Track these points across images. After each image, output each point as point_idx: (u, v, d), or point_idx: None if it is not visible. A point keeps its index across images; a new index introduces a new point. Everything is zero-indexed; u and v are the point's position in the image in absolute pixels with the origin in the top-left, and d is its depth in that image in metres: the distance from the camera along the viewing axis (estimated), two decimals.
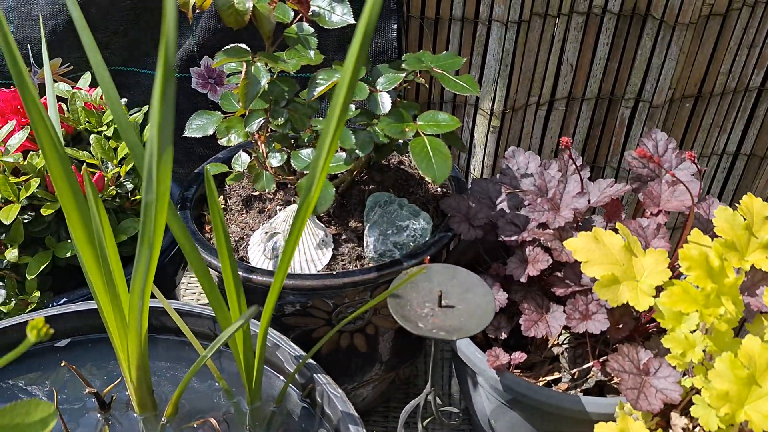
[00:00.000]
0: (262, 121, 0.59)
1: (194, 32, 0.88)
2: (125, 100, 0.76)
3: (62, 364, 0.51)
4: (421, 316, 0.48)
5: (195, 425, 0.50)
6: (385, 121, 0.57)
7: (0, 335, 0.54)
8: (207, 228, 0.70)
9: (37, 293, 0.59)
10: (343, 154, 0.58)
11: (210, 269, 0.61)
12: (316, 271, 0.62)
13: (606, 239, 0.55)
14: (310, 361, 0.52)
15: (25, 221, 0.58)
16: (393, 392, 0.84)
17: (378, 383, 0.75)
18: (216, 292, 0.47)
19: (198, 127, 0.66)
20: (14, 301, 0.58)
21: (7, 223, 0.54)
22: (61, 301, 0.64)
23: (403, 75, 0.58)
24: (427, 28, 0.83)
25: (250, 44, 0.63)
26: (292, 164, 0.58)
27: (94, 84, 0.80)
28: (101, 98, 0.72)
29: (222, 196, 0.76)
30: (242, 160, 0.70)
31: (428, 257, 0.55)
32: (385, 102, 0.57)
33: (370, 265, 0.64)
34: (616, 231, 0.56)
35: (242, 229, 0.69)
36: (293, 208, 0.66)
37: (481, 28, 0.82)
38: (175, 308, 0.54)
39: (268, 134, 0.61)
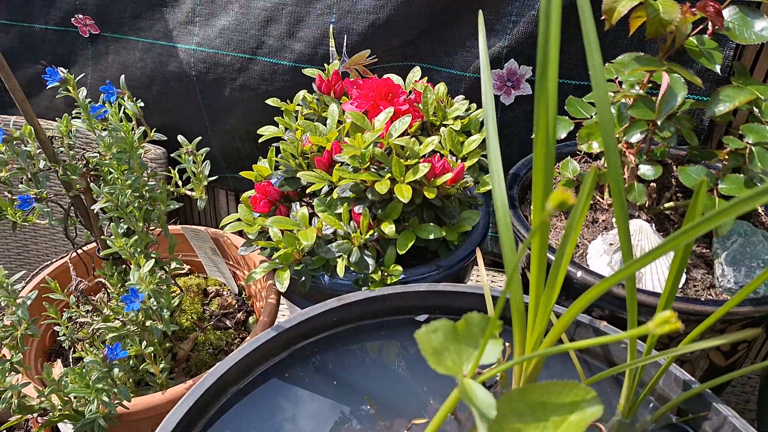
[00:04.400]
0: (646, 133, 0.58)
1: (508, 35, 0.90)
2: None
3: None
4: None
5: None
6: None
7: (382, 302, 0.59)
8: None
9: (398, 267, 0.63)
10: (741, 176, 0.56)
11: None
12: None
13: None
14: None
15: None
16: None
17: None
18: (634, 306, 0.46)
19: None
20: (379, 272, 0.63)
21: (404, 201, 0.58)
22: (400, 277, 0.68)
23: None
24: None
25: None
26: (680, 179, 0.57)
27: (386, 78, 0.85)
28: (441, 93, 0.76)
29: None
30: (573, 166, 0.70)
31: None
32: None
33: (723, 296, 0.61)
34: None
35: None
36: (638, 222, 0.64)
37: None
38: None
39: (642, 145, 0.60)
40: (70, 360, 0.67)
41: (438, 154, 0.68)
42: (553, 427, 0.34)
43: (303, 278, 0.66)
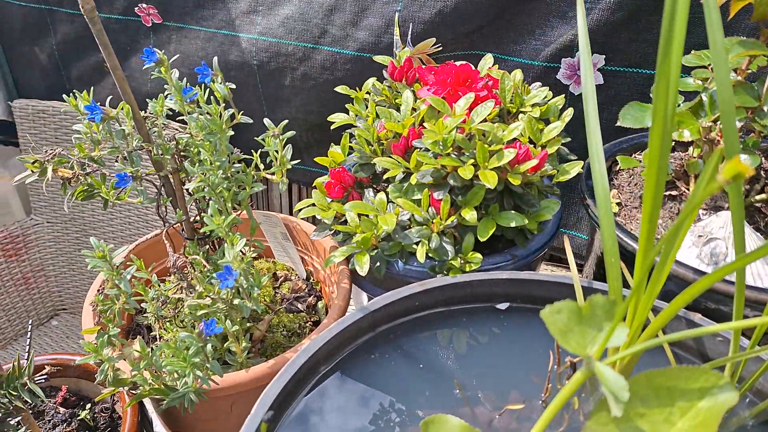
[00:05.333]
0: (744, 121, 0.56)
1: None
2: None
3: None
4: None
5: None
6: None
7: (463, 288, 0.58)
8: None
9: (477, 254, 0.62)
10: None
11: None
12: (763, 286, 0.58)
13: None
14: None
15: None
16: None
17: None
18: (742, 299, 0.45)
19: (633, 118, 0.65)
20: (458, 259, 0.62)
21: (490, 186, 0.58)
22: (479, 264, 0.67)
23: None
24: None
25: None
26: None
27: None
28: (518, 80, 0.75)
29: (614, 190, 0.75)
30: None
31: None
32: None
33: None
34: None
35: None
36: (728, 214, 0.62)
37: None
38: None
39: (739, 135, 0.58)
40: (151, 337, 0.69)
41: (518, 141, 0.67)
42: (679, 413, 0.33)
43: (378, 264, 0.66)
